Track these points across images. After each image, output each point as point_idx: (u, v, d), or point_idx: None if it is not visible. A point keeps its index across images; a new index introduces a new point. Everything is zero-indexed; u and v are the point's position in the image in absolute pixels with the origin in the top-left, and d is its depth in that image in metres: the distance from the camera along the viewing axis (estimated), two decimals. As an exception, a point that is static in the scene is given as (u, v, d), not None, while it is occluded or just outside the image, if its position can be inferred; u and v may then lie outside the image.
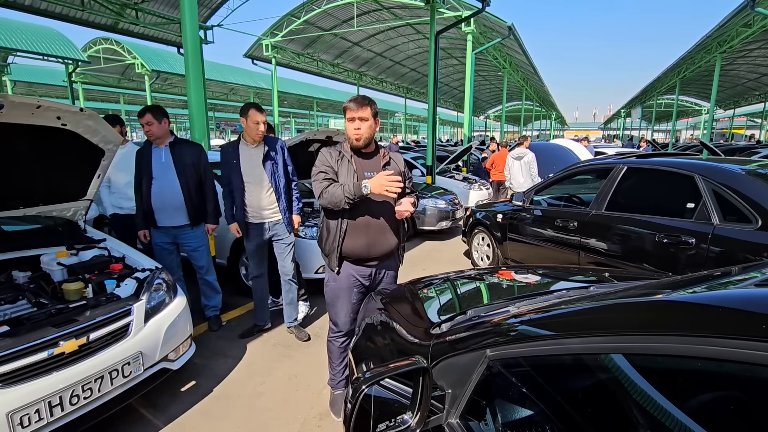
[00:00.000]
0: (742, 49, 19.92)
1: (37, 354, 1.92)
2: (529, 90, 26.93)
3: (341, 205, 2.12)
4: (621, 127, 49.50)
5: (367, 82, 23.87)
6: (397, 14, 14.47)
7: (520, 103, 32.44)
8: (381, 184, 2.03)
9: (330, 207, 2.17)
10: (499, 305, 1.53)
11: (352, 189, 2.08)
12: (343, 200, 2.10)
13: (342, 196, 2.09)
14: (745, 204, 2.77)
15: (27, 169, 2.72)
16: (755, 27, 14.51)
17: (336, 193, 2.11)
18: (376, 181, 2.05)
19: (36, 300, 2.33)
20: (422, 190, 7.56)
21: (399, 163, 2.38)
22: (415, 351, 1.37)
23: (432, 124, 9.67)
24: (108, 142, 2.86)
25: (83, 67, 19.07)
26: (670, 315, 0.83)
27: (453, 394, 1.04)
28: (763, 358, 0.58)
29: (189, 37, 3.66)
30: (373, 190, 2.06)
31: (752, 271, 1.02)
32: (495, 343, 1.02)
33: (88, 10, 10.48)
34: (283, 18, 14.61)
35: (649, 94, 33.07)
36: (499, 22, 12.95)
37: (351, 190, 2.08)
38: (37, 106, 2.32)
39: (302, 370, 3.06)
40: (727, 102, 36.65)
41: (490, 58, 17.75)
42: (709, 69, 21.09)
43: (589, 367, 0.89)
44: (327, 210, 2.25)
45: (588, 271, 2.51)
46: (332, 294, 2.39)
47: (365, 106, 2.17)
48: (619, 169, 3.71)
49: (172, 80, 23.77)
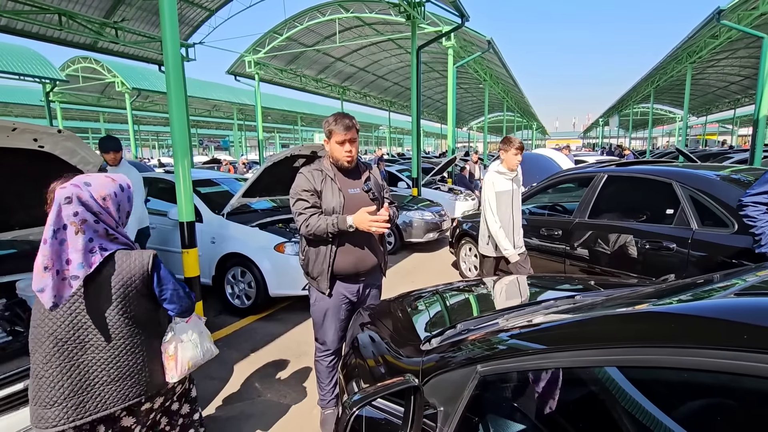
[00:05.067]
0: (711, 59, 20.76)
1: (14, 385, 1.84)
2: (510, 101, 27.50)
3: (324, 237, 2.13)
4: (600, 136, 50.80)
5: (351, 97, 24.06)
6: (378, 30, 14.70)
7: (501, 114, 33.07)
8: (364, 222, 2.04)
9: (312, 238, 2.17)
10: (488, 318, 1.53)
11: (336, 224, 2.08)
12: (327, 234, 2.12)
13: (325, 230, 2.10)
14: (721, 209, 2.86)
15: (2, 193, 2.64)
16: (722, 38, 15.18)
17: (320, 226, 2.10)
18: (360, 218, 2.06)
19: (11, 328, 2.24)
20: (408, 203, 7.59)
21: (378, 177, 2.41)
22: (406, 368, 1.36)
23: (416, 136, 9.77)
24: (87, 163, 2.80)
25: (61, 86, 18.78)
26: (657, 326, 0.84)
27: (445, 412, 1.03)
28: (745, 368, 0.59)
29: (170, 54, 3.64)
30: (358, 228, 2.07)
31: (733, 278, 1.04)
32: (486, 358, 1.02)
33: (66, 29, 10.36)
34: (266, 35, 14.69)
35: (625, 103, 34.08)
36: (478, 37, 13.25)
37: (335, 225, 2.08)
38: (13, 129, 2.27)
39: (292, 391, 3.00)
40: (699, 109, 38.03)
41: (471, 71, 18.11)
42: (680, 78, 21.89)
43: (581, 381, 0.89)
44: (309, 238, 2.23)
45: (574, 280, 2.54)
46: (320, 313, 2.36)
47: (353, 128, 2.18)
48: (600, 177, 3.79)
49: (153, 98, 23.57)
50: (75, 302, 1.51)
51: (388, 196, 2.42)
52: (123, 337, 1.57)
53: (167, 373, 1.69)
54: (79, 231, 1.47)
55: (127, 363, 1.57)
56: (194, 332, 1.76)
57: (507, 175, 3.43)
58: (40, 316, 1.50)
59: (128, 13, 11.13)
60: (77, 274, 1.45)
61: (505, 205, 3.41)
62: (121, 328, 1.56)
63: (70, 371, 1.49)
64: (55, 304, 1.42)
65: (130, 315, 1.58)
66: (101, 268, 1.52)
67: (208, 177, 5.79)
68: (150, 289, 1.64)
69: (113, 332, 1.55)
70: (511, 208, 3.46)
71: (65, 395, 1.48)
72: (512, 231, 3.47)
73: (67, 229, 1.46)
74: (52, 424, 1.46)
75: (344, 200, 2.18)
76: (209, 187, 5.40)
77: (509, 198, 3.44)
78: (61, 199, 1.47)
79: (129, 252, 1.61)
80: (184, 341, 1.72)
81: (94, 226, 1.52)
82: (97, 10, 10.80)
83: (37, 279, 1.39)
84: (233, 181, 5.89)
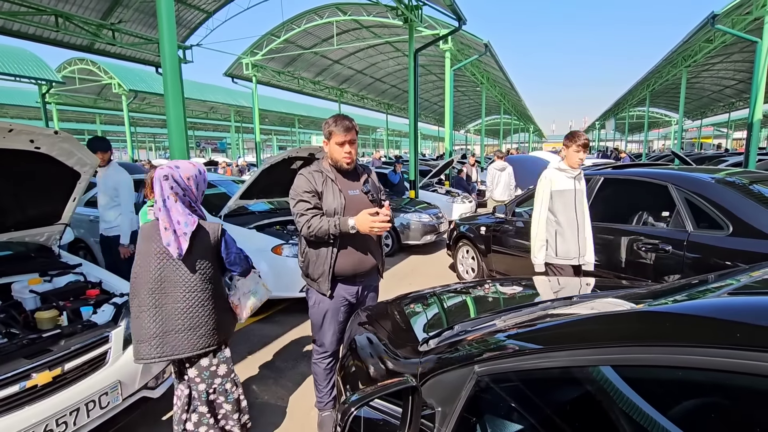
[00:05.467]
0: (706, 63, 20.93)
1: (8, 388, 1.83)
2: (506, 104, 27.62)
3: (325, 238, 2.14)
4: (596, 139, 51.12)
5: (348, 99, 24.09)
6: (376, 33, 14.75)
7: (498, 117, 33.18)
8: (366, 224, 2.04)
9: (313, 239, 2.17)
10: (485, 319, 1.53)
11: (338, 225, 2.09)
12: (329, 235, 2.12)
13: (327, 232, 2.10)
14: (716, 211, 2.88)
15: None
16: (716, 42, 15.31)
17: (321, 227, 2.10)
18: (361, 220, 2.06)
19: (6, 330, 2.22)
20: (406, 205, 7.60)
21: (374, 179, 2.42)
22: (403, 369, 1.36)
23: (414, 139, 9.80)
24: (84, 165, 2.80)
25: (58, 88, 18.70)
26: (653, 325, 0.85)
27: (443, 412, 1.03)
28: (738, 366, 0.60)
29: (167, 56, 3.64)
30: (360, 230, 2.07)
31: (727, 279, 1.05)
32: (483, 359, 1.02)
33: (63, 30, 10.33)
34: (263, 37, 14.71)
35: (621, 107, 34.30)
36: (475, 40, 13.31)
37: (337, 227, 2.09)
38: (9, 130, 2.26)
39: (289, 393, 2.99)
40: (694, 113, 38.29)
41: (468, 74, 18.17)
42: (676, 82, 22.07)
43: (578, 380, 0.90)
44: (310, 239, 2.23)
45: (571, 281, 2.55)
46: (319, 315, 2.36)
47: (352, 130, 2.18)
48: (596, 180, 3.81)
49: (150, 99, 23.51)
50: (164, 259, 1.94)
51: (384, 199, 2.44)
52: (196, 291, 1.97)
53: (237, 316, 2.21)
54: (177, 200, 1.95)
55: (198, 315, 1.97)
56: (252, 285, 2.25)
57: (568, 173, 3.08)
58: (138, 270, 1.96)
59: (125, 14, 11.12)
60: (186, 231, 1.92)
61: (565, 206, 3.06)
62: (196, 283, 1.97)
63: (155, 317, 1.92)
64: (180, 254, 1.91)
65: (204, 273, 2.00)
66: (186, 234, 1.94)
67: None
68: (218, 253, 2.07)
69: (189, 286, 1.96)
70: (574, 210, 3.08)
71: (151, 335, 1.92)
72: (576, 237, 3.08)
73: (170, 199, 1.93)
74: (142, 357, 1.94)
75: (345, 201, 2.18)
76: (207, 188, 5.39)
77: (571, 198, 3.07)
78: (161, 177, 1.94)
79: (206, 222, 2.05)
80: (246, 293, 2.23)
81: (183, 199, 1.98)
82: (94, 12, 10.78)
83: (165, 237, 1.90)
84: (230, 183, 5.88)
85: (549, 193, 3.09)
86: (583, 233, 3.12)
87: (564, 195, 3.08)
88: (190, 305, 1.95)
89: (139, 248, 1.99)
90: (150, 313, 1.92)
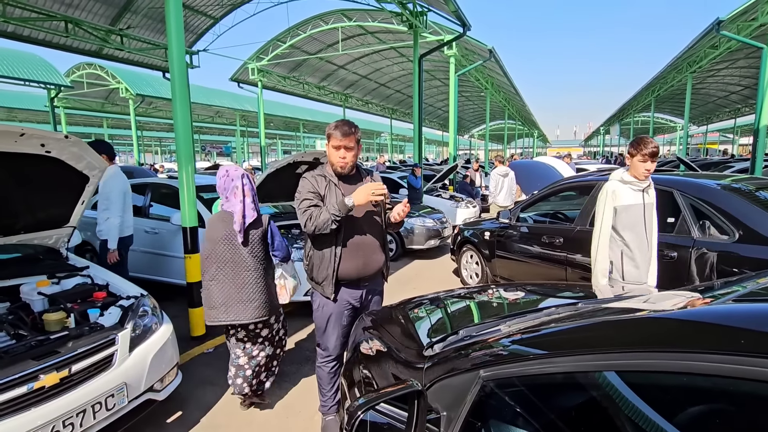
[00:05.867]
0: (711, 68, 20.88)
1: (16, 389, 1.85)
2: (511, 109, 27.65)
3: (329, 225, 2.09)
4: (601, 144, 50.98)
5: (353, 104, 24.21)
6: (381, 38, 14.85)
7: (503, 122, 33.21)
8: (366, 193, 2.06)
9: (318, 232, 2.15)
10: (490, 324, 1.53)
11: (336, 206, 2.08)
12: (330, 219, 2.08)
13: (328, 216, 2.08)
14: (722, 218, 2.87)
15: (7, 197, 2.66)
16: (721, 48, 15.28)
17: (322, 215, 2.10)
18: (360, 191, 2.08)
19: (15, 332, 2.24)
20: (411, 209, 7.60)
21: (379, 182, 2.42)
22: (408, 374, 1.36)
23: (418, 144, 9.82)
24: (93, 168, 2.84)
25: (66, 92, 18.93)
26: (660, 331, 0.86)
27: (448, 417, 1.04)
28: (743, 372, 0.60)
29: (176, 62, 3.69)
30: (359, 201, 2.07)
31: (733, 285, 1.05)
32: (489, 364, 1.02)
33: (72, 36, 10.48)
34: (269, 43, 14.84)
35: (626, 112, 34.24)
36: (480, 46, 13.36)
37: (335, 207, 2.08)
38: (21, 134, 2.30)
39: (292, 397, 2.99)
40: (699, 119, 38.16)
41: (472, 79, 18.23)
42: (681, 88, 22.01)
43: (583, 386, 0.90)
44: (315, 238, 2.23)
45: (576, 287, 2.54)
46: (323, 318, 2.37)
47: (351, 136, 2.18)
48: (600, 185, 3.80)
49: (157, 104, 23.74)
50: (228, 243, 2.46)
51: (389, 203, 2.44)
52: (250, 270, 2.49)
53: (279, 298, 2.72)
54: (249, 196, 2.52)
55: (252, 291, 2.48)
56: (291, 271, 2.82)
57: (634, 185, 2.68)
58: (207, 252, 2.50)
59: (133, 20, 11.26)
60: (250, 221, 2.50)
61: (633, 223, 2.68)
62: (251, 263, 2.50)
63: (220, 289, 2.46)
64: (243, 240, 2.48)
65: (257, 256, 2.52)
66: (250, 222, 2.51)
67: (210, 182, 5.82)
68: (266, 239, 2.60)
69: (246, 266, 2.48)
70: (644, 227, 2.69)
71: (219, 303, 2.46)
72: (648, 258, 2.72)
73: (246, 195, 2.51)
74: (212, 320, 2.49)
75: None
76: (212, 192, 5.42)
77: (639, 214, 2.68)
78: (240, 176, 2.53)
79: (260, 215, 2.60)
80: (287, 277, 2.78)
81: (252, 195, 2.55)
82: (103, 18, 10.93)
83: (237, 224, 2.45)
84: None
85: (612, 209, 2.70)
86: (652, 253, 2.76)
87: (631, 210, 2.68)
88: (246, 281, 2.47)
89: (208, 234, 2.53)
90: (217, 286, 2.47)
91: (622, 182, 2.72)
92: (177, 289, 4.49)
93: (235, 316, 2.44)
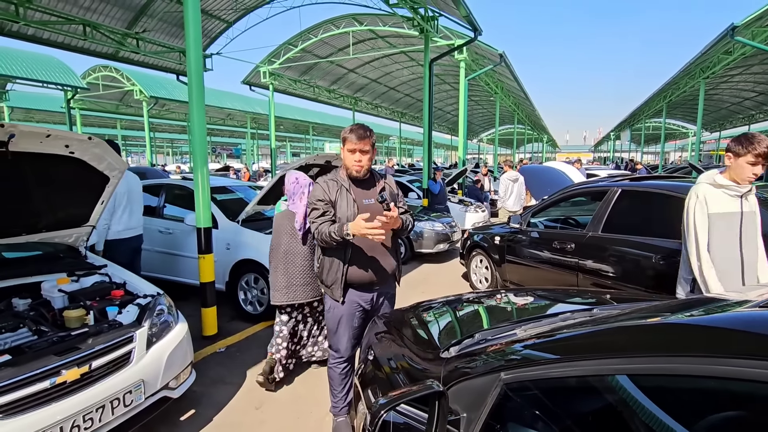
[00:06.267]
0: (725, 74, 20.62)
1: (39, 383, 1.89)
2: (520, 114, 27.53)
3: (332, 243, 2.16)
4: (611, 150, 50.53)
5: (363, 107, 24.30)
6: (391, 42, 14.91)
7: (512, 127, 33.08)
8: (360, 229, 2.01)
9: (323, 245, 2.23)
10: (505, 328, 1.55)
11: (336, 230, 2.12)
12: (331, 240, 2.14)
13: (329, 237, 2.13)
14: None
15: (31, 197, 2.73)
16: (735, 54, 15.09)
17: (323, 232, 2.15)
18: (355, 225, 2.05)
19: (36, 328, 2.30)
20: (419, 213, 7.62)
21: (393, 186, 2.44)
22: (426, 376, 1.38)
23: (428, 147, 9.83)
24: (113, 169, 2.90)
25: (82, 94, 19.28)
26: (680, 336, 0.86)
27: (468, 418, 1.05)
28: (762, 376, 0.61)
29: (193, 65, 3.76)
30: (354, 233, 2.07)
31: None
32: (509, 366, 1.04)
33: (90, 39, 10.68)
34: (281, 46, 14.98)
35: (637, 118, 33.90)
36: (490, 50, 13.36)
37: (336, 231, 2.11)
38: (47, 135, 2.37)
39: (304, 397, 3.02)
40: (712, 125, 37.64)
41: (482, 83, 18.21)
42: (693, 93, 21.76)
43: (603, 390, 0.91)
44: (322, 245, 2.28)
45: (587, 293, 2.54)
46: (334, 320, 2.39)
47: (366, 139, 2.21)
48: (613, 191, 3.79)
49: (170, 106, 24.06)
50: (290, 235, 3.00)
51: (402, 206, 2.45)
52: (307, 258, 3.00)
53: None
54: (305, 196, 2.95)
55: (308, 275, 2.99)
56: None
57: (731, 190, 2.28)
58: (274, 243, 3.07)
59: (149, 24, 11.45)
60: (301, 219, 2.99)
61: (725, 235, 2.26)
62: (307, 252, 2.99)
63: (284, 274, 2.99)
64: (302, 233, 2.98)
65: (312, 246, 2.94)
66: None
67: (224, 184, 5.89)
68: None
69: (303, 254, 3.00)
70: (739, 239, 2.28)
71: (282, 286, 3.00)
72: (741, 277, 2.28)
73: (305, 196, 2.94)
74: (277, 300, 3.03)
75: (358, 211, 2.21)
76: (225, 194, 5.49)
77: (735, 223, 2.27)
78: (308, 184, 3.01)
79: None
80: None
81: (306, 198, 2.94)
82: (120, 21, 11.13)
83: (298, 222, 2.97)
84: (248, 189, 5.98)
85: (705, 217, 2.27)
86: (753, 272, 2.30)
87: (724, 219, 2.26)
88: (303, 268, 2.97)
89: (275, 228, 3.08)
90: (281, 271, 2.98)
91: (715, 185, 2.29)
92: (190, 288, 4.55)
93: (294, 297, 2.98)
